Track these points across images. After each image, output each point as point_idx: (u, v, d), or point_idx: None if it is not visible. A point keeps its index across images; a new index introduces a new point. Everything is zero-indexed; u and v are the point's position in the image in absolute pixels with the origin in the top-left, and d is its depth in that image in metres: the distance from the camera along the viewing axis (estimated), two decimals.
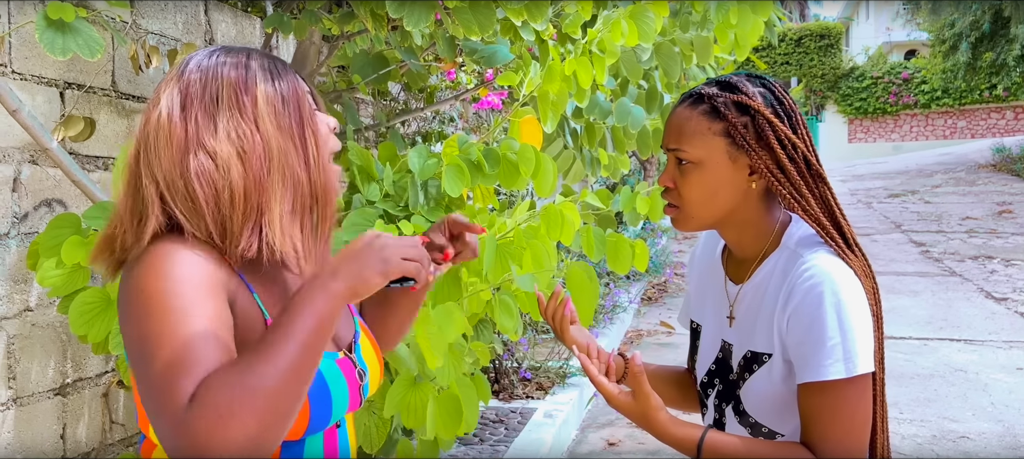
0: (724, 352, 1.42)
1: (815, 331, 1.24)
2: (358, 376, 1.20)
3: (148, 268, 1.05)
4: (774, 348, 1.32)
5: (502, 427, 4.11)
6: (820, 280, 1.26)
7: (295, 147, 1.12)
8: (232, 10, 3.06)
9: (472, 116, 5.31)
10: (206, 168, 1.09)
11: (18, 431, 2.17)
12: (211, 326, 1.01)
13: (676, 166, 1.34)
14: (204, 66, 1.15)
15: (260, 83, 1.13)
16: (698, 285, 1.54)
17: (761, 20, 3.25)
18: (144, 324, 1.01)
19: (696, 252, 1.59)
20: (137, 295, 1.04)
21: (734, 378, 1.39)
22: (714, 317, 1.45)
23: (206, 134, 1.10)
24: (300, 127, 1.14)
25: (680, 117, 1.34)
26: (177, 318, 1.00)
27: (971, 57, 17.45)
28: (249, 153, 1.10)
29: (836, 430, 1.23)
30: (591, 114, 3.07)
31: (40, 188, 2.24)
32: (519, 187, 2.12)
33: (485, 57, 2.64)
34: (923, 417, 4.60)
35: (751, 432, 1.37)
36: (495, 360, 4.54)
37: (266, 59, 1.17)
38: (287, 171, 1.11)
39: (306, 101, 1.16)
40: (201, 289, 1.04)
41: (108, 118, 2.46)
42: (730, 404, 1.40)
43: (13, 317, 2.16)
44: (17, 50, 2.17)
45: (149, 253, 1.07)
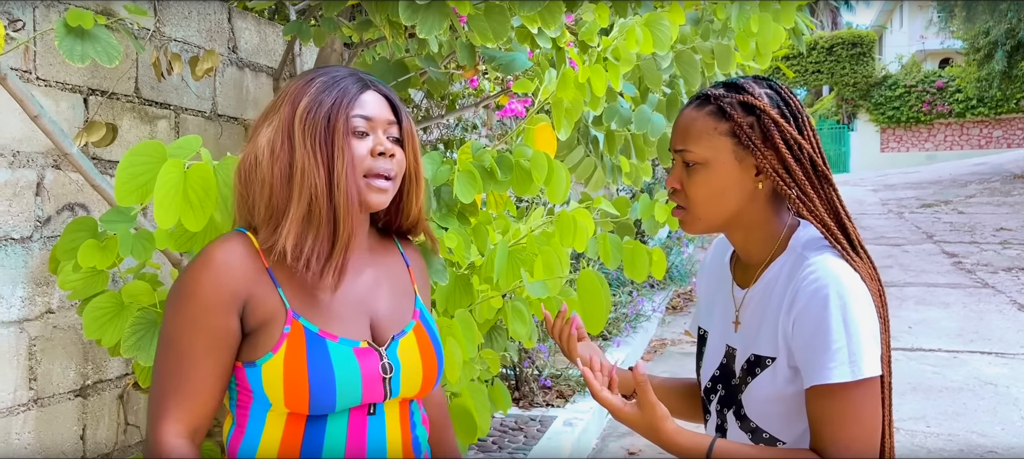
0: (728, 357, 1.41)
1: (820, 334, 1.23)
2: (382, 369, 1.28)
3: (186, 268, 1.29)
4: (778, 352, 1.31)
5: (521, 435, 4.10)
6: (825, 282, 1.24)
7: (318, 163, 1.25)
8: (255, 18, 3.10)
9: (496, 123, 5.33)
10: (246, 162, 1.30)
11: (39, 432, 2.21)
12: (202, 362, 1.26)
13: (683, 167, 1.35)
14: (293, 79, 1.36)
15: (304, 99, 1.27)
16: (707, 291, 1.55)
17: (783, 27, 3.22)
18: (162, 330, 1.28)
19: (707, 259, 1.59)
20: (170, 293, 1.30)
21: (736, 383, 1.38)
22: (721, 322, 1.46)
23: (261, 134, 1.30)
24: (328, 145, 1.25)
25: (686, 118, 1.35)
26: (177, 355, 1.25)
27: (1007, 66, 17.18)
28: (278, 157, 1.26)
29: (844, 434, 1.21)
30: (610, 121, 3.06)
31: (63, 193, 2.28)
32: (532, 193, 2.12)
33: (503, 64, 2.64)
34: (951, 431, 4.52)
35: (751, 437, 1.36)
36: (515, 367, 4.54)
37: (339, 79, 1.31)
38: (305, 183, 1.24)
39: (342, 120, 1.27)
40: (206, 317, 1.25)
41: (131, 124, 2.50)
42: (731, 409, 1.39)
43: (35, 319, 2.20)
44: (41, 57, 2.21)
45: (200, 252, 1.29)
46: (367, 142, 1.30)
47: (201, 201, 1.41)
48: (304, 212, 1.24)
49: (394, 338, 1.32)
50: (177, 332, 1.25)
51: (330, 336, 1.26)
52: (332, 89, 1.29)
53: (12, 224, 2.15)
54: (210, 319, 1.24)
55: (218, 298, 1.24)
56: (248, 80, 3.04)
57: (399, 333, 1.34)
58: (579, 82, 2.34)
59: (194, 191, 1.41)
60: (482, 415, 2.11)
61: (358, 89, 1.31)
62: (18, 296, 2.16)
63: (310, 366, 1.23)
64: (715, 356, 1.44)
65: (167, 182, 1.39)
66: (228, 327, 1.25)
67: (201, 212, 1.41)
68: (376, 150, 1.29)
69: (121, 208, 1.82)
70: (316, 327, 1.26)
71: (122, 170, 1.43)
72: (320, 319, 1.27)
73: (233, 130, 2.95)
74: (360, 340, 1.28)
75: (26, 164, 2.18)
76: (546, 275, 2.14)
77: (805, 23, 3.90)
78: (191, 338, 1.24)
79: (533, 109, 2.47)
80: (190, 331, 1.24)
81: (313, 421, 1.27)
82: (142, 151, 1.44)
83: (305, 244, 1.24)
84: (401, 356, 1.31)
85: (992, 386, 5.27)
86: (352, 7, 2.82)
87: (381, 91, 1.35)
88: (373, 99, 1.32)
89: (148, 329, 1.76)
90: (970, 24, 17.81)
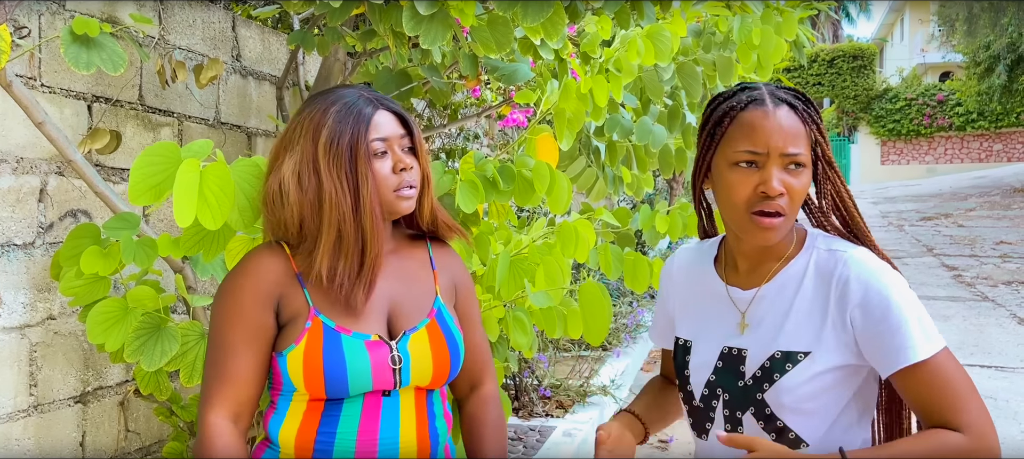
0: (728, 359, 1.39)
1: (893, 319, 1.27)
2: (391, 361, 1.40)
3: (229, 274, 1.46)
4: (818, 345, 1.32)
5: (521, 445, 4.10)
6: (876, 272, 1.31)
7: (345, 191, 1.38)
8: (260, 26, 3.11)
9: (498, 133, 5.34)
10: (272, 190, 1.42)
11: (39, 438, 2.21)
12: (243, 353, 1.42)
13: (787, 170, 1.32)
14: (310, 103, 1.45)
15: (325, 130, 1.39)
16: (683, 302, 1.52)
17: (784, 40, 3.23)
18: (209, 330, 1.46)
19: (672, 271, 1.56)
20: (216, 297, 1.46)
21: (749, 383, 1.36)
22: (713, 327, 1.43)
23: (284, 164, 1.41)
24: (352, 173, 1.39)
25: (789, 121, 1.33)
26: (220, 347, 1.42)
27: (1008, 79, 17.23)
28: (306, 189, 1.39)
29: (960, 397, 1.25)
30: (612, 132, 3.07)
31: (66, 199, 2.29)
32: (534, 204, 2.13)
33: (506, 75, 2.65)
34: None
35: (776, 438, 1.34)
36: (515, 377, 4.53)
37: (352, 104, 1.42)
38: (334, 211, 1.38)
39: (363, 148, 1.39)
40: (244, 313, 1.41)
41: (134, 131, 2.51)
42: (748, 410, 1.36)
43: (36, 325, 2.21)
44: (46, 64, 2.22)
45: (237, 266, 1.46)
46: (387, 161, 1.43)
47: (218, 200, 1.45)
48: (334, 238, 1.39)
49: (405, 333, 1.44)
50: (220, 327, 1.42)
51: (345, 331, 1.40)
52: (348, 117, 1.41)
53: (15, 230, 2.16)
54: (248, 315, 1.41)
55: (255, 297, 1.41)
56: (252, 88, 3.05)
57: (411, 328, 1.45)
58: (581, 93, 2.35)
59: (211, 190, 1.45)
60: None
61: (371, 111, 1.43)
62: (20, 302, 2.17)
63: (326, 356, 1.37)
64: (707, 362, 1.42)
65: (186, 180, 1.42)
66: (264, 322, 1.42)
67: (218, 211, 1.45)
68: (398, 167, 1.43)
69: (124, 215, 1.83)
70: (333, 323, 1.40)
71: (136, 170, 1.45)
72: (338, 316, 1.41)
73: (236, 138, 2.96)
74: (372, 334, 1.41)
75: (29, 170, 2.19)
76: (548, 285, 2.15)
77: (806, 35, 3.91)
78: (231, 332, 1.41)
79: (535, 119, 2.48)
80: (230, 326, 1.41)
81: (331, 404, 1.42)
82: (157, 152, 1.46)
83: (338, 267, 1.39)
84: (411, 349, 1.43)
85: (992, 400, 5.26)
86: (356, 17, 2.84)
87: (390, 108, 1.47)
88: (386, 119, 1.44)
89: (151, 334, 1.76)
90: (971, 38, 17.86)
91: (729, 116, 1.36)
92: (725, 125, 1.36)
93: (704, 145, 1.40)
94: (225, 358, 1.41)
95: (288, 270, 1.44)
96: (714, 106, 1.40)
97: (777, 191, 1.30)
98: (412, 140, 1.48)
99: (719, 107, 1.39)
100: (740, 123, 1.34)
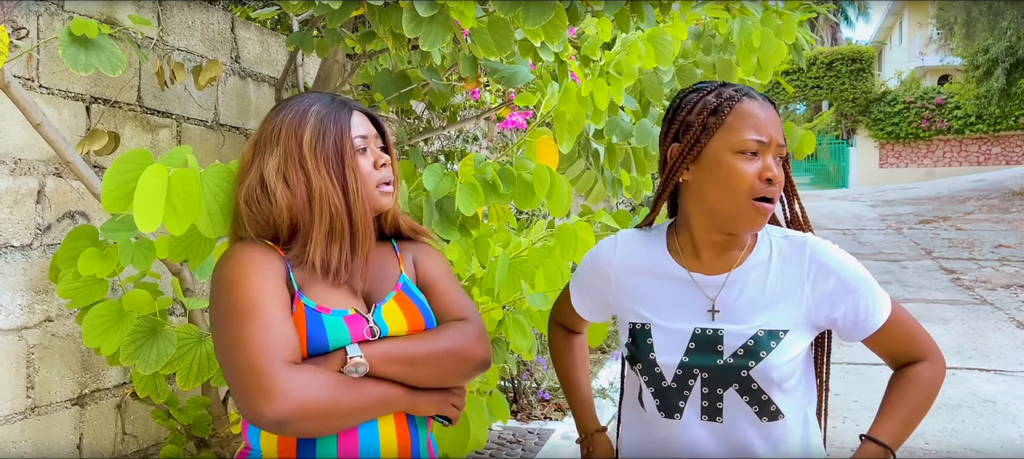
0: (701, 341, 1.45)
1: (862, 290, 1.46)
2: (368, 331, 1.43)
3: (221, 267, 1.42)
4: (794, 323, 1.45)
5: (519, 447, 4.09)
6: (838, 254, 1.48)
7: (334, 185, 1.43)
8: (258, 28, 3.10)
9: (497, 136, 5.33)
10: (253, 190, 1.45)
11: (35, 440, 2.20)
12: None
13: (779, 162, 1.44)
14: (280, 110, 1.49)
15: (307, 131, 1.45)
16: (634, 287, 1.55)
17: (784, 43, 3.23)
18: (225, 318, 1.38)
19: (613, 259, 1.59)
20: (217, 283, 1.41)
21: (730, 361, 1.43)
22: (678, 311, 1.49)
23: (264, 165, 1.45)
24: (340, 168, 1.44)
25: (776, 118, 1.45)
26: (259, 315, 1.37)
27: (1006, 83, 17.24)
28: (295, 187, 1.43)
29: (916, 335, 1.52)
30: (611, 135, 3.07)
31: (63, 200, 2.28)
32: (533, 206, 2.12)
33: (505, 77, 2.65)
34: (949, 448, 4.51)
35: (759, 411, 1.44)
36: (513, 380, 4.53)
37: (328, 107, 1.48)
38: (325, 204, 1.43)
39: (348, 144, 1.46)
40: (264, 274, 1.41)
41: (133, 132, 2.50)
42: (731, 387, 1.43)
43: (34, 327, 2.20)
44: (45, 65, 2.22)
45: (226, 252, 1.45)
46: (368, 157, 1.50)
47: (184, 206, 1.44)
48: (326, 229, 1.44)
49: (377, 305, 1.50)
50: (247, 296, 1.36)
51: (324, 310, 1.43)
52: (329, 118, 1.47)
53: (12, 231, 2.15)
54: (269, 274, 1.40)
55: (262, 262, 1.41)
56: (251, 90, 3.05)
57: (381, 301, 1.51)
58: (582, 96, 2.34)
59: (177, 196, 1.43)
60: (479, 426, 2.11)
61: (348, 113, 1.49)
62: (17, 304, 2.16)
63: (309, 334, 1.40)
64: (676, 344, 1.47)
65: (149, 186, 1.41)
66: (280, 279, 1.42)
67: (184, 216, 1.44)
68: (378, 163, 1.51)
69: (122, 217, 1.82)
70: (314, 304, 1.43)
71: (109, 177, 1.44)
72: (319, 298, 1.44)
73: (235, 139, 2.95)
74: (349, 309, 1.45)
75: (27, 172, 2.18)
76: (547, 288, 2.14)
77: (805, 38, 3.91)
78: (264, 292, 1.37)
79: (535, 122, 2.48)
80: (259, 287, 1.37)
81: None
82: (128, 159, 1.46)
83: (331, 258, 1.44)
84: (386, 317, 1.48)
85: (991, 403, 5.26)
86: (355, 18, 2.83)
87: (363, 111, 1.54)
88: (360, 120, 1.52)
89: (147, 337, 1.75)
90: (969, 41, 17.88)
91: (728, 105, 1.41)
92: (724, 114, 1.41)
93: (696, 133, 1.43)
94: (269, 319, 1.35)
95: (276, 256, 1.46)
96: (699, 97, 1.46)
97: (780, 178, 1.40)
98: (384, 140, 1.56)
99: (704, 99, 1.45)
100: (742, 113, 1.40)
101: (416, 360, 1.44)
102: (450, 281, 1.61)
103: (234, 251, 1.44)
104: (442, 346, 1.48)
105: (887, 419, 1.49)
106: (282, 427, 1.29)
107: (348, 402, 1.35)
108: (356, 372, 1.38)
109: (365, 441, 1.42)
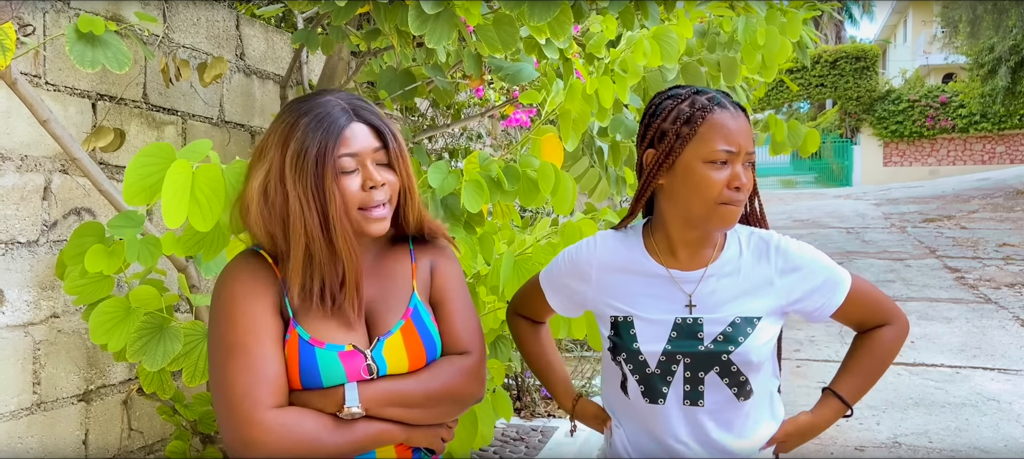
0: (682, 329, 1.55)
1: (822, 272, 1.59)
2: (365, 370, 1.37)
3: (219, 286, 1.39)
4: (766, 310, 1.56)
5: (523, 445, 4.10)
6: (800, 248, 1.60)
7: (312, 209, 1.33)
8: (263, 25, 3.11)
9: (501, 133, 5.34)
10: (244, 201, 1.38)
11: (41, 436, 2.21)
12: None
13: (747, 168, 1.52)
14: (285, 111, 1.40)
15: (292, 143, 1.34)
16: (613, 283, 1.63)
17: (789, 41, 3.23)
18: (217, 343, 1.36)
19: (592, 258, 1.65)
20: (212, 309, 1.37)
21: (711, 346, 1.53)
22: (658, 304, 1.58)
23: (253, 175, 1.37)
24: (318, 189, 1.33)
25: (747, 125, 1.52)
26: (243, 349, 1.33)
27: (1011, 81, 17.18)
28: (273, 202, 1.34)
29: (878, 302, 1.64)
30: (616, 133, 3.07)
31: (70, 197, 2.29)
32: (538, 204, 2.12)
33: (510, 74, 2.65)
34: (953, 446, 4.51)
35: (737, 392, 1.56)
36: (516, 377, 4.53)
37: (324, 117, 1.35)
38: (302, 228, 1.33)
39: (329, 163, 1.33)
40: (255, 304, 1.36)
41: (138, 129, 2.50)
42: (712, 370, 1.54)
43: (40, 323, 2.20)
44: (51, 62, 2.22)
45: (226, 269, 1.41)
46: (357, 178, 1.37)
47: (209, 201, 1.43)
48: (303, 254, 1.34)
49: (379, 339, 1.41)
50: (239, 325, 1.33)
51: (318, 344, 1.36)
52: (317, 129, 1.34)
53: (19, 228, 2.16)
54: (258, 305, 1.35)
55: (256, 289, 1.37)
56: (255, 87, 3.05)
57: (385, 334, 1.42)
58: (587, 93, 2.34)
59: (202, 191, 1.43)
60: (486, 423, 2.11)
61: (344, 123, 1.36)
62: (24, 300, 2.16)
63: (301, 367, 1.35)
64: (659, 333, 1.56)
65: (175, 181, 1.40)
66: (272, 309, 1.37)
67: (209, 212, 1.43)
68: (367, 184, 1.37)
69: (129, 213, 1.83)
70: (308, 335, 1.36)
71: (131, 171, 1.44)
72: (314, 327, 1.37)
73: (240, 137, 2.96)
74: (345, 344, 1.38)
75: (34, 168, 2.19)
76: None
77: (810, 36, 3.91)
78: (250, 328, 1.33)
79: (540, 120, 2.48)
80: (247, 322, 1.33)
81: None
82: (151, 153, 1.45)
83: (312, 285, 1.36)
84: (386, 354, 1.40)
85: (995, 402, 5.26)
86: (360, 16, 2.83)
87: (366, 119, 1.40)
88: (359, 131, 1.38)
89: (154, 334, 1.76)
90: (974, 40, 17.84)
91: (701, 116, 1.49)
92: (697, 124, 1.49)
93: (670, 142, 1.51)
94: (253, 357, 1.32)
95: (273, 277, 1.40)
96: (673, 106, 1.52)
97: (748, 185, 1.50)
98: (387, 154, 1.41)
99: (678, 107, 1.51)
100: (713, 124, 1.48)
101: (414, 402, 1.39)
102: (461, 298, 1.54)
103: (229, 274, 1.39)
104: (440, 387, 1.43)
105: (849, 376, 1.67)
106: None
107: (334, 446, 1.32)
108: (351, 418, 1.35)
109: None
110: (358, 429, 1.35)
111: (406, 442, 1.42)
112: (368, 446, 1.37)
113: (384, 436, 1.38)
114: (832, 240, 12.33)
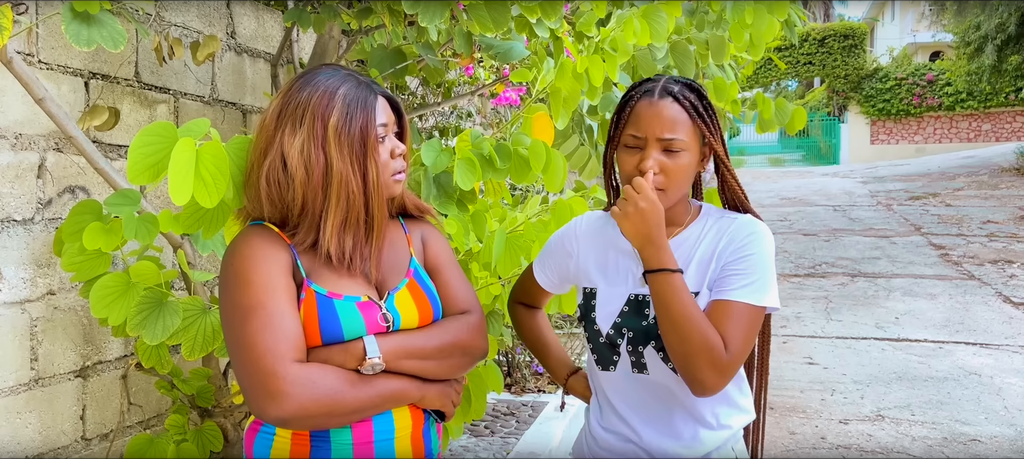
0: (633, 305, 1.63)
1: (745, 263, 1.55)
2: (381, 319, 1.46)
3: (228, 254, 1.44)
4: (700, 286, 1.57)
5: (513, 419, 4.15)
6: (759, 229, 1.60)
7: (354, 172, 1.43)
8: (254, 4, 3.11)
9: (490, 112, 5.35)
10: (275, 168, 1.43)
11: (39, 411, 2.24)
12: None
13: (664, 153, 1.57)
14: (306, 85, 1.46)
15: (334, 114, 1.43)
16: (587, 258, 1.73)
17: (777, 20, 3.26)
18: (232, 309, 1.40)
19: (578, 234, 1.78)
20: (224, 277, 1.42)
21: (652, 323, 1.59)
22: (620, 279, 1.66)
23: (287, 143, 1.43)
24: (362, 156, 1.44)
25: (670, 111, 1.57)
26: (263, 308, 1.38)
27: (996, 60, 17.25)
28: (312, 169, 1.42)
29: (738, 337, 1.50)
30: (605, 111, 3.10)
31: (64, 175, 2.31)
32: (529, 181, 2.15)
33: (501, 53, 2.67)
34: (935, 419, 4.60)
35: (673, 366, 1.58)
36: (508, 353, 4.58)
37: (356, 90, 1.47)
38: (342, 190, 1.43)
39: (372, 133, 1.45)
40: (269, 266, 1.42)
41: (131, 108, 2.52)
42: (649, 344, 1.60)
43: (37, 300, 2.23)
44: (44, 40, 2.23)
45: (235, 240, 1.46)
46: (386, 146, 1.50)
47: (214, 179, 1.46)
48: (342, 216, 1.44)
49: (390, 292, 1.52)
50: (252, 292, 1.38)
51: (336, 296, 1.44)
52: (357, 101, 1.46)
53: (14, 206, 2.17)
54: (273, 267, 1.41)
55: (269, 253, 1.43)
56: (247, 65, 3.06)
57: (394, 288, 1.53)
58: (577, 72, 2.37)
59: (207, 169, 1.45)
60: (478, 397, 2.15)
61: (374, 99, 1.49)
62: (20, 277, 2.19)
63: (321, 321, 1.41)
64: (613, 306, 1.65)
65: (181, 159, 1.43)
66: (285, 271, 1.43)
67: (214, 189, 1.45)
68: (395, 152, 1.52)
69: (125, 191, 1.85)
70: (325, 290, 1.44)
71: (134, 149, 1.46)
72: (329, 283, 1.46)
73: (232, 115, 2.97)
74: (362, 295, 1.47)
75: (28, 146, 2.20)
76: None
77: (798, 15, 3.94)
78: (266, 287, 1.39)
79: (531, 98, 2.51)
80: (262, 281, 1.39)
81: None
82: (153, 132, 1.47)
83: (345, 246, 1.45)
84: (398, 305, 1.51)
85: (976, 376, 5.35)
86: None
87: (385, 95, 1.54)
88: (382, 105, 1.51)
89: (153, 309, 1.79)
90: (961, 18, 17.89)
91: (628, 105, 1.62)
92: (625, 113, 1.62)
93: (611, 128, 1.66)
94: (271, 314, 1.37)
95: (282, 244, 1.46)
96: (626, 96, 1.65)
97: (648, 169, 1.55)
98: (400, 125, 1.57)
99: (623, 96, 1.65)
100: (634, 111, 1.60)
101: (428, 355, 1.48)
102: (454, 266, 1.66)
103: (240, 242, 1.44)
104: (450, 340, 1.52)
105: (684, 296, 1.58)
106: (286, 424, 1.35)
107: (355, 400, 1.38)
108: (372, 371, 1.41)
109: (380, 429, 1.45)
110: (377, 385, 1.41)
111: (420, 403, 1.49)
112: (386, 403, 1.43)
113: (401, 393, 1.45)
114: (819, 218, 12.42)
